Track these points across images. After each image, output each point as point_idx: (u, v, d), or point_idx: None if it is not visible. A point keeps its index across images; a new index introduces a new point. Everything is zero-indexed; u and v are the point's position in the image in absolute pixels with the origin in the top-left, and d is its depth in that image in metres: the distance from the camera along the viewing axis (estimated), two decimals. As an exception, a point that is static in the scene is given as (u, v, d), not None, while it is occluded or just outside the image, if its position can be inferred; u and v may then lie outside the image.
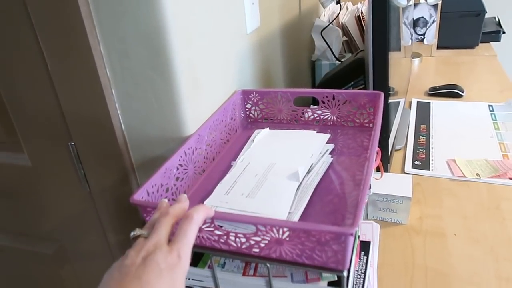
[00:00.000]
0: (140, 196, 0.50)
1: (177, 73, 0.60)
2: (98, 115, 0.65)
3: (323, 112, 0.74)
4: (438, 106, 1.24)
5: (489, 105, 1.20)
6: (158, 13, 0.56)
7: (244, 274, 0.51)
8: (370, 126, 0.72)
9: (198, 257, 0.54)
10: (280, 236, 0.44)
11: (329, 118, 0.74)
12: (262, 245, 0.46)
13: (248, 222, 0.44)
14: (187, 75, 0.62)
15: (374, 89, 0.77)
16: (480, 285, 0.65)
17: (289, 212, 0.52)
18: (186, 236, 0.40)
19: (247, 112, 0.79)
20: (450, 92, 1.29)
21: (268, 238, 0.44)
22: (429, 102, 1.26)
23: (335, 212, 0.53)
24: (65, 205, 0.79)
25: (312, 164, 0.62)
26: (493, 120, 1.12)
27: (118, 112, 0.65)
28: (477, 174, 0.90)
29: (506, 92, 1.29)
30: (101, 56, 0.61)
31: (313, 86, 1.42)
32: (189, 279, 0.53)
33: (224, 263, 0.52)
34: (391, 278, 0.66)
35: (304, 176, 0.59)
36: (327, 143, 0.68)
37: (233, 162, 0.66)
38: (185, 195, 0.45)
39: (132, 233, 0.42)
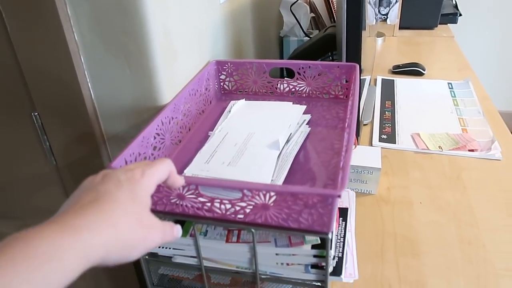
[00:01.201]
0: (118, 164, 0.48)
1: (152, 39, 0.57)
2: (65, 83, 0.61)
3: (299, 84, 0.74)
4: (402, 83, 1.28)
5: (448, 83, 1.26)
6: (132, -27, 0.53)
7: (227, 241, 0.50)
8: (345, 98, 0.73)
9: (179, 227, 0.53)
10: (267, 201, 0.44)
11: (304, 90, 0.74)
12: (248, 210, 0.46)
13: (234, 187, 0.44)
14: (162, 42, 0.59)
15: (347, 61, 0.78)
16: (444, 248, 0.69)
17: (272, 180, 0.52)
18: (154, 165, 0.38)
19: (221, 83, 0.78)
20: (412, 70, 1.33)
21: (255, 203, 0.44)
22: (393, 80, 1.30)
23: (316, 179, 0.53)
24: (28, 180, 0.74)
25: (290, 133, 0.62)
26: (452, 96, 1.18)
27: (88, 80, 0.62)
28: (439, 147, 0.95)
29: (463, 71, 1.35)
30: (68, 19, 0.57)
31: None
32: (170, 248, 0.53)
33: (206, 231, 0.52)
34: (364, 244, 0.69)
35: (284, 145, 0.59)
36: (303, 114, 0.68)
37: (210, 132, 0.64)
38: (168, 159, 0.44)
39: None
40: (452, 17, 1.75)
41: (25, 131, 0.68)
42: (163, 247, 0.53)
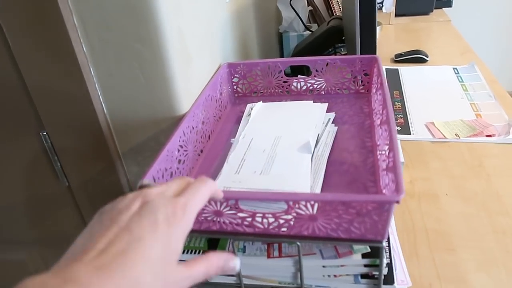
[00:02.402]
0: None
1: (167, 44, 0.53)
2: (75, 98, 0.57)
3: (317, 81, 0.70)
4: (406, 72, 1.26)
5: (453, 68, 1.24)
6: (142, -25, 0.49)
7: (268, 257, 0.47)
8: (366, 92, 0.70)
9: (212, 245, 0.49)
10: (314, 212, 0.40)
11: (323, 86, 0.71)
12: (292, 223, 0.42)
13: (280, 199, 0.40)
14: (177, 46, 0.55)
15: (361, 54, 0.75)
16: (479, 240, 0.66)
17: (310, 186, 0.49)
18: (198, 192, 0.35)
19: (234, 87, 0.74)
20: (415, 58, 1.31)
21: (302, 215, 0.41)
22: (397, 69, 1.28)
23: (355, 182, 0.50)
24: (39, 204, 0.70)
25: (318, 134, 0.59)
26: (460, 82, 1.16)
27: (99, 93, 0.58)
28: (456, 135, 0.93)
29: (466, 55, 1.33)
30: (75, 29, 0.53)
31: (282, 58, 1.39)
32: (205, 268, 0.49)
33: (244, 247, 0.48)
34: (397, 243, 0.66)
35: (314, 148, 0.56)
36: (326, 112, 0.65)
37: (233, 139, 0.61)
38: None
39: (140, 182, 0.37)
40: (447, 1, 1.73)
41: (34, 151, 0.63)
42: (197, 267, 0.50)
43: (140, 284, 0.28)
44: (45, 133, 0.61)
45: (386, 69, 1.28)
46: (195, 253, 0.49)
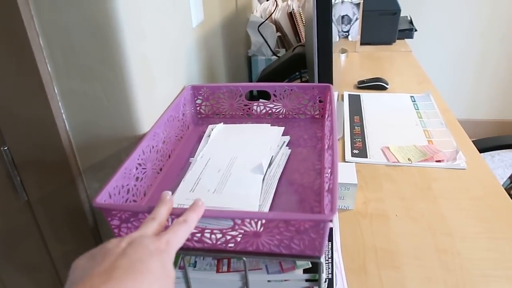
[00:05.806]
0: (102, 199, 0.47)
1: (130, 68, 0.56)
2: (37, 115, 0.59)
3: (275, 106, 0.75)
4: (367, 98, 1.32)
5: (411, 96, 1.32)
6: (107, 3, 0.52)
7: (217, 271, 0.50)
8: (320, 117, 0.75)
9: (166, 259, 0.52)
10: (258, 229, 0.44)
11: (281, 111, 0.75)
12: (238, 239, 0.46)
13: (226, 217, 0.43)
14: (141, 70, 0.59)
15: (319, 81, 0.80)
16: (422, 258, 0.71)
17: (259, 205, 0.52)
18: (176, 232, 0.38)
19: (197, 108, 0.78)
20: (376, 85, 1.38)
21: (247, 231, 0.44)
22: (359, 95, 1.35)
23: (302, 202, 0.54)
24: (-3, 217, 0.70)
25: (272, 156, 0.62)
26: (416, 109, 1.23)
27: (62, 111, 0.60)
28: (408, 159, 0.99)
29: (423, 84, 1.42)
30: (40, 49, 0.55)
31: (250, 81, 1.43)
32: (157, 282, 0.51)
33: (195, 262, 0.51)
34: (346, 259, 0.70)
35: (267, 169, 0.59)
36: (282, 135, 0.69)
37: (192, 158, 0.64)
38: (169, 192, 0.43)
39: None
40: (408, 32, 1.84)
41: (-6, 166, 0.64)
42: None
43: None
44: (6, 148, 0.62)
45: (349, 94, 1.35)
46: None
